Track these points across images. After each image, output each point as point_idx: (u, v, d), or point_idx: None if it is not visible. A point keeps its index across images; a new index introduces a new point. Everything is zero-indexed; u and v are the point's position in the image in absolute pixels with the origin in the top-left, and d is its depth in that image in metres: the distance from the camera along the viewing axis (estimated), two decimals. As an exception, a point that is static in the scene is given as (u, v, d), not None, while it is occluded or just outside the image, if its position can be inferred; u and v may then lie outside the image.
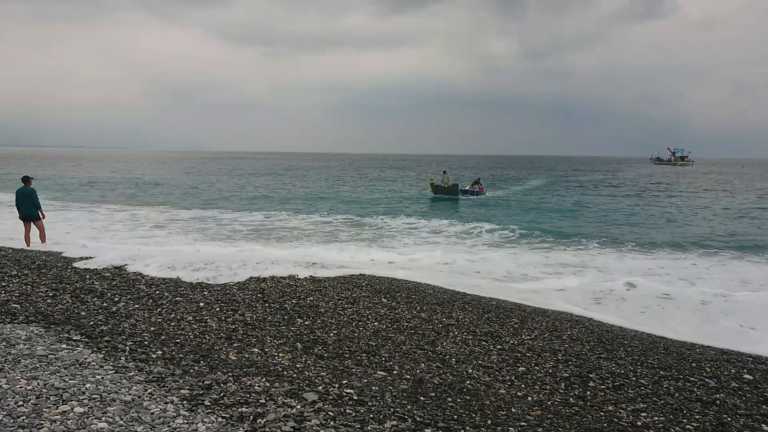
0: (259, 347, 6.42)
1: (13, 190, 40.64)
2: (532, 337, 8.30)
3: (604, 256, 17.45)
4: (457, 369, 6.51)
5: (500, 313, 9.46)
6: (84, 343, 5.75)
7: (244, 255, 13.00)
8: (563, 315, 10.07)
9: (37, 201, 14.44)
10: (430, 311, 9.06)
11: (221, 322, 7.29)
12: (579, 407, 5.85)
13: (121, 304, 7.72)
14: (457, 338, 7.79)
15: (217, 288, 9.04)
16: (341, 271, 11.72)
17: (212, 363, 5.61)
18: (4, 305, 7.08)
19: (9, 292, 7.87)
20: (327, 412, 4.62)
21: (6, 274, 9.11)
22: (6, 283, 8.47)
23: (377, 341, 7.20)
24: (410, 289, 10.60)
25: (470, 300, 10.26)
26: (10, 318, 6.47)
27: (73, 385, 4.54)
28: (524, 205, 35.56)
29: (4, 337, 5.61)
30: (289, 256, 13.70)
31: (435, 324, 8.35)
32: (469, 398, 5.66)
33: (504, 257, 16.64)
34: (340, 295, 9.43)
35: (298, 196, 39.13)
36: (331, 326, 7.64)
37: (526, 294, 11.58)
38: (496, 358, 7.15)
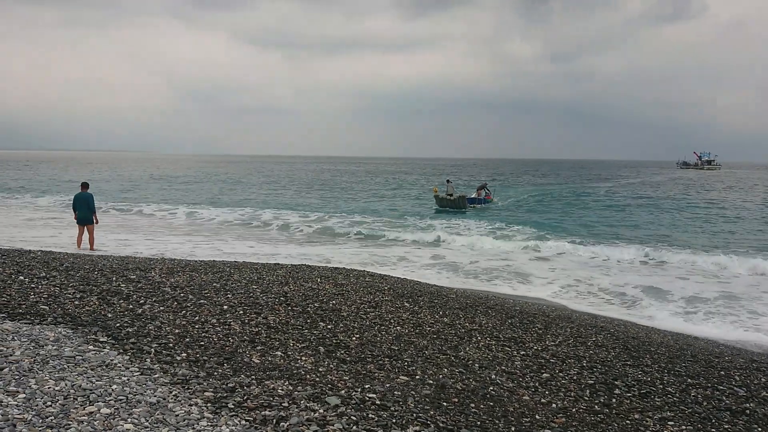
0: (282, 350, 6.44)
1: (54, 193, 41.43)
2: (556, 343, 8.21)
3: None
4: (480, 374, 6.47)
5: (524, 319, 9.39)
6: (110, 345, 5.82)
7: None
8: (588, 321, 9.96)
9: (93, 206, 15.44)
10: (453, 316, 9.01)
11: (245, 325, 7.34)
12: (604, 415, 5.77)
13: (146, 306, 7.80)
14: (480, 343, 7.74)
15: (241, 291, 9.10)
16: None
17: (236, 366, 5.65)
18: (33, 306, 7.19)
19: (38, 293, 8.00)
20: (350, 417, 4.62)
21: (35, 276, 9.27)
22: (35, 284, 8.61)
23: (400, 346, 7.18)
24: (432, 293, 10.57)
25: (493, 305, 10.20)
26: (38, 319, 6.58)
27: (100, 386, 4.60)
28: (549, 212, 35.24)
29: (33, 338, 5.70)
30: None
31: (458, 329, 8.31)
32: (493, 404, 5.61)
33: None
34: (362, 299, 9.43)
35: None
36: (354, 330, 7.64)
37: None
38: (519, 363, 7.09)
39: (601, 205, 39.50)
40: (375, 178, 73.43)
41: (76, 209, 15.42)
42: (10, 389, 4.36)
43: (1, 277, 8.98)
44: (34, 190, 45.20)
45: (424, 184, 59.90)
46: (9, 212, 29.91)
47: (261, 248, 19.31)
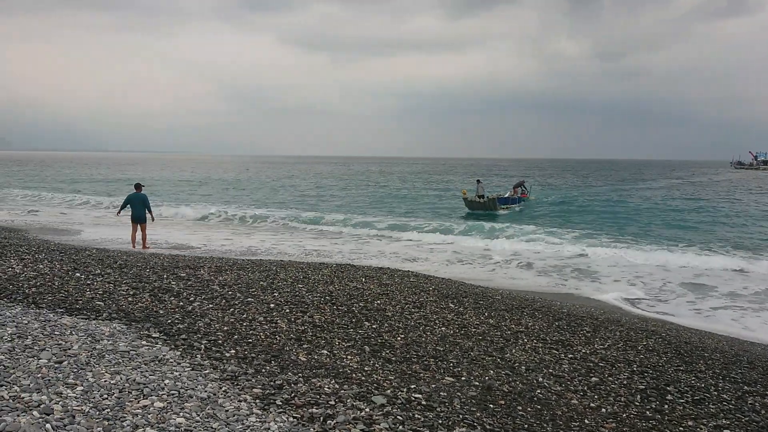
0: (327, 349, 6.50)
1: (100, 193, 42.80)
2: (605, 346, 8.04)
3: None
4: (527, 377, 6.38)
5: (571, 321, 9.22)
6: (162, 341, 5.98)
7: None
8: (638, 325, 9.72)
9: (149, 205, 16.52)
10: (499, 317, 8.92)
11: (291, 323, 7.42)
12: (656, 421, 5.62)
13: (196, 304, 7.98)
14: (526, 346, 7.64)
15: (287, 290, 9.21)
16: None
17: (283, 363, 5.72)
18: (89, 302, 7.45)
19: (93, 290, 8.27)
20: (396, 416, 4.62)
21: (91, 272, 9.60)
22: (90, 281, 8.92)
23: (445, 346, 7.15)
24: (478, 294, 10.49)
25: (540, 307, 10.05)
26: (94, 315, 6.81)
27: (153, 381, 4.73)
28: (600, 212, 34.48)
29: (89, 332, 5.90)
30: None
31: (503, 330, 8.22)
32: (540, 407, 5.53)
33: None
34: (407, 299, 9.42)
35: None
36: (398, 330, 7.64)
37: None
38: (567, 367, 6.96)
39: (650, 207, 38.39)
40: (427, 179, 73.02)
41: (131, 208, 16.32)
42: (69, 381, 4.52)
43: (59, 273, 9.33)
44: (106, 193, 46.78)
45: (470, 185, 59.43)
46: (91, 211, 31.05)
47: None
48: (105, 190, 49.08)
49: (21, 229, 18.39)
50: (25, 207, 32.33)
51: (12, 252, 11.23)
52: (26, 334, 5.60)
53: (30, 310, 6.67)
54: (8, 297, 7.27)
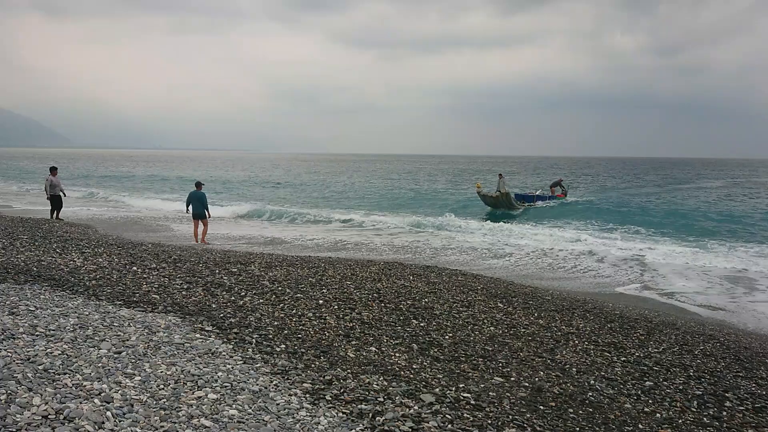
0: (376, 346, 6.53)
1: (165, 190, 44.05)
2: (660, 350, 7.81)
3: None
4: (578, 379, 6.26)
5: (624, 324, 8.99)
6: (215, 334, 6.12)
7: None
8: (695, 329, 9.40)
9: (206, 202, 17.44)
10: (549, 318, 8.78)
11: (339, 319, 7.49)
12: (714, 428, 5.43)
13: (247, 299, 8.14)
14: (577, 347, 7.49)
15: (335, 287, 9.29)
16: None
17: (332, 359, 5.78)
18: (145, 296, 7.69)
19: (149, 283, 8.54)
20: (444, 415, 4.60)
21: (147, 267, 9.91)
22: (147, 275, 9.21)
23: (493, 346, 7.08)
24: (527, 294, 10.35)
25: (591, 308, 9.84)
26: (150, 307, 7.02)
27: (207, 373, 4.84)
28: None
29: (146, 325, 6.09)
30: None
31: (554, 331, 8.09)
32: (592, 410, 5.41)
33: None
34: (455, 298, 9.37)
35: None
36: (447, 329, 7.61)
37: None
38: (620, 370, 6.80)
39: (711, 207, 36.95)
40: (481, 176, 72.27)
41: (190, 205, 17.31)
42: (127, 371, 4.68)
43: (118, 267, 9.67)
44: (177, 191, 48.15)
45: (531, 182, 58.55)
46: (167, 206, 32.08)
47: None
48: (170, 187, 50.41)
49: (86, 225, 19.10)
50: (107, 203, 33.44)
51: (73, 246, 11.70)
52: (87, 325, 5.82)
53: (90, 302, 6.93)
54: (70, 289, 7.58)
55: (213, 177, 63.53)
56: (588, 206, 34.21)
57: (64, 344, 5.17)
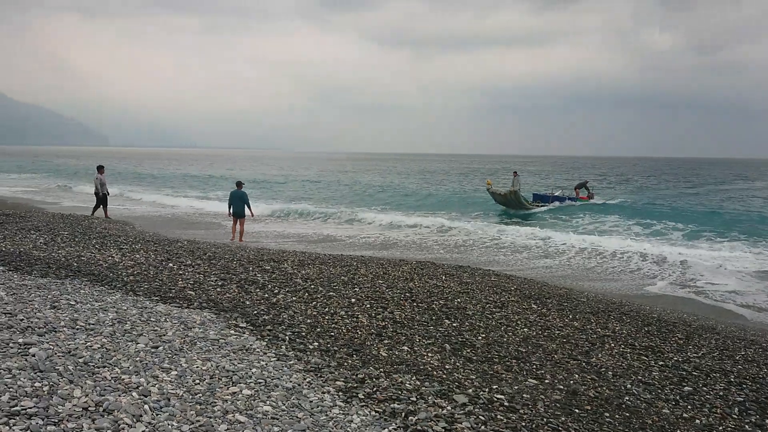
0: (408, 345, 6.51)
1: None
2: (699, 355, 7.62)
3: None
4: (614, 383, 6.14)
5: (662, 327, 8.80)
6: (249, 331, 6.18)
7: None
8: (736, 333, 9.14)
9: (248, 201, 17.76)
10: (584, 320, 8.64)
11: (372, 318, 7.49)
12: (757, 437, 5.26)
13: (280, 296, 8.21)
14: (613, 350, 7.36)
15: (367, 285, 9.30)
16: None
17: (364, 358, 5.78)
18: (181, 291, 7.81)
19: (185, 280, 8.67)
20: (478, 416, 4.56)
21: (183, 263, 10.07)
22: (182, 271, 9.35)
23: (527, 348, 6.99)
24: (561, 296, 10.20)
25: (628, 311, 9.65)
26: (186, 303, 7.13)
27: (241, 369, 4.89)
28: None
29: (182, 320, 6.19)
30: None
31: (589, 334, 7.96)
32: (629, 415, 5.30)
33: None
34: (487, 298, 9.30)
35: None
36: (479, 329, 7.55)
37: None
38: (657, 374, 6.65)
39: (749, 207, 35.88)
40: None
41: (232, 204, 17.62)
42: (164, 366, 4.75)
43: (154, 263, 9.84)
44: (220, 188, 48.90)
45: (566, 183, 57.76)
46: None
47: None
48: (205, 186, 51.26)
49: (124, 222, 19.52)
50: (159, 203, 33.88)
51: (111, 242, 11.96)
52: (125, 320, 5.94)
53: (128, 297, 7.07)
54: (109, 284, 7.74)
55: (251, 176, 64.23)
56: (623, 207, 33.51)
57: (104, 338, 5.28)
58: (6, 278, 7.35)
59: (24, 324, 5.43)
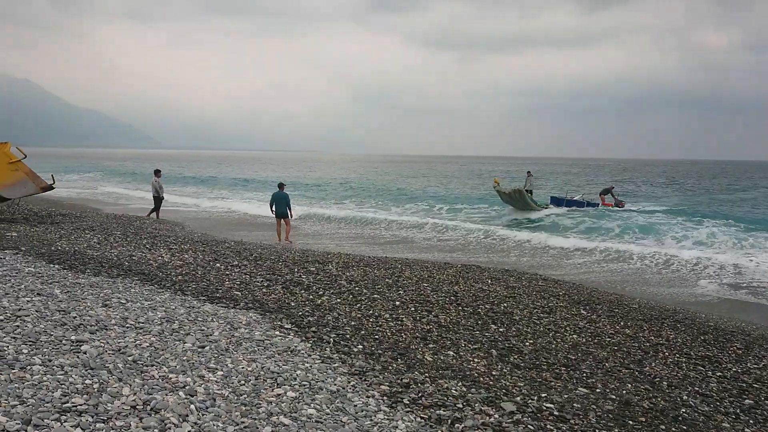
0: (453, 350, 6.40)
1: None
2: (760, 366, 7.25)
3: None
4: (670, 394, 5.89)
5: (719, 336, 8.42)
6: (294, 332, 6.18)
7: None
8: (800, 344, 8.67)
9: (290, 203, 18.17)
10: (636, 327, 8.34)
11: (416, 322, 7.41)
12: (827, 456, 4.95)
13: (324, 298, 8.20)
14: (667, 360, 7.07)
15: (412, 288, 9.22)
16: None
17: (409, 362, 5.70)
18: (228, 292, 7.89)
19: (231, 280, 8.77)
20: (527, 425, 4.43)
21: (229, 264, 10.19)
22: (229, 272, 9.47)
23: (577, 355, 6.78)
24: (612, 302, 9.89)
25: (682, 318, 9.28)
26: (233, 304, 7.19)
27: (286, 371, 4.88)
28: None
29: (228, 320, 6.23)
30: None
31: (641, 342, 7.67)
32: (686, 428, 5.07)
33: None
34: (535, 303, 9.09)
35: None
36: (527, 335, 7.37)
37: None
38: (715, 386, 6.35)
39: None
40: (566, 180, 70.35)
41: (275, 205, 18.02)
42: (210, 366, 4.78)
43: (202, 263, 10.00)
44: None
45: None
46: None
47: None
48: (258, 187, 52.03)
49: (173, 222, 19.97)
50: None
51: (161, 242, 12.22)
52: (174, 319, 6.02)
53: (177, 297, 7.18)
54: (158, 283, 7.88)
55: (307, 177, 64.82)
56: (672, 211, 32.27)
57: (152, 337, 5.36)
58: (61, 276, 7.57)
59: (77, 321, 5.56)
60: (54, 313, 5.77)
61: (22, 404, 3.72)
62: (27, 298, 6.28)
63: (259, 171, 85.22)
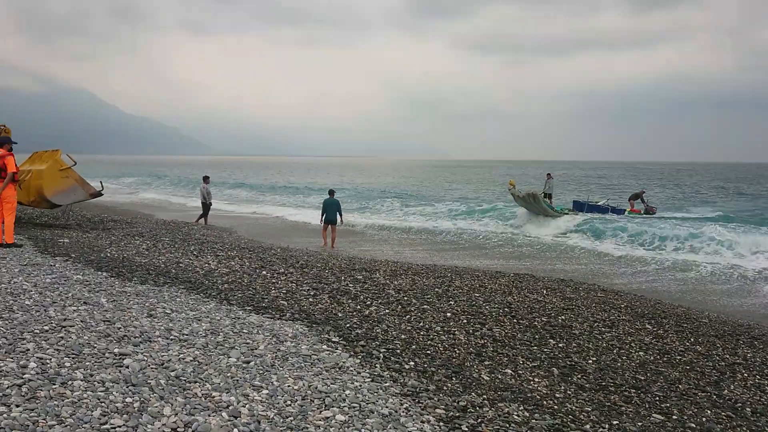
0: (511, 368, 5.98)
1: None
2: None
3: None
4: (756, 423, 5.33)
5: (803, 356, 7.73)
6: (342, 346, 5.88)
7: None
8: None
9: (340, 209, 18.37)
10: (708, 344, 7.73)
11: (469, 335, 7.01)
12: None
13: (372, 308, 7.89)
14: (747, 382, 6.47)
15: (463, 299, 8.82)
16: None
17: (464, 381, 5.32)
18: (274, 301, 7.67)
19: (278, 289, 8.55)
20: (599, 459, 4.00)
21: (275, 271, 10.00)
22: (275, 280, 9.26)
23: (645, 375, 6.26)
24: (679, 315, 9.24)
25: (759, 335, 8.58)
26: (278, 314, 6.95)
27: (334, 390, 4.57)
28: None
29: (274, 333, 5.98)
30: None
31: (716, 361, 7.08)
32: (779, 464, 4.53)
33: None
34: (595, 316, 8.56)
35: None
36: (589, 351, 6.88)
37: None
38: (805, 413, 5.74)
39: None
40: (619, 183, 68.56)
41: (325, 211, 18.12)
42: (255, 383, 4.52)
43: (248, 270, 9.83)
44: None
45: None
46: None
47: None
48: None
49: (221, 228, 20.05)
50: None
51: (209, 249, 12.15)
52: (218, 331, 5.81)
53: (222, 306, 6.99)
54: (204, 292, 7.72)
55: (356, 183, 65.03)
56: (728, 218, 30.52)
57: (196, 350, 5.15)
58: (108, 284, 7.50)
59: (121, 333, 5.41)
60: (99, 324, 5.64)
61: (60, 424, 3.54)
62: (73, 307, 6.19)
63: (308, 177, 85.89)
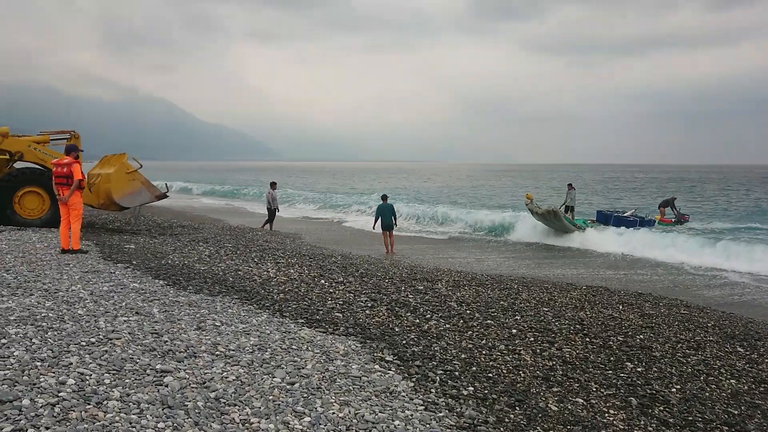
0: (583, 396, 5.40)
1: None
2: None
3: None
4: None
5: None
6: (395, 366, 5.48)
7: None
8: None
9: (395, 213, 18.26)
10: (812, 373, 6.85)
11: (536, 355, 6.46)
12: None
13: (432, 322, 7.45)
14: None
15: (530, 313, 8.25)
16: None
17: (529, 412, 4.80)
18: (329, 313, 7.35)
19: (334, 299, 8.24)
20: None
21: (334, 280, 9.72)
22: (333, 289, 8.97)
23: (739, 408, 5.54)
24: (776, 338, 8.32)
25: None
26: (332, 327, 6.62)
27: (383, 420, 4.17)
28: None
29: (325, 350, 5.65)
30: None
31: (823, 394, 6.22)
32: None
33: None
34: (677, 336, 7.78)
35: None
36: (671, 378, 6.18)
37: None
38: None
39: None
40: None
41: (380, 217, 17.93)
42: (298, 409, 4.18)
43: (307, 279, 9.59)
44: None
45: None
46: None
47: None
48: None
49: (285, 234, 20.08)
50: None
51: (269, 255, 12.04)
52: (266, 347, 5.53)
53: (274, 319, 6.72)
54: (258, 303, 7.49)
55: (422, 187, 64.57)
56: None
57: (240, 368, 4.88)
58: (162, 294, 7.39)
59: (166, 347, 5.22)
60: (146, 336, 5.48)
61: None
62: (124, 317, 6.08)
63: (375, 182, 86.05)
